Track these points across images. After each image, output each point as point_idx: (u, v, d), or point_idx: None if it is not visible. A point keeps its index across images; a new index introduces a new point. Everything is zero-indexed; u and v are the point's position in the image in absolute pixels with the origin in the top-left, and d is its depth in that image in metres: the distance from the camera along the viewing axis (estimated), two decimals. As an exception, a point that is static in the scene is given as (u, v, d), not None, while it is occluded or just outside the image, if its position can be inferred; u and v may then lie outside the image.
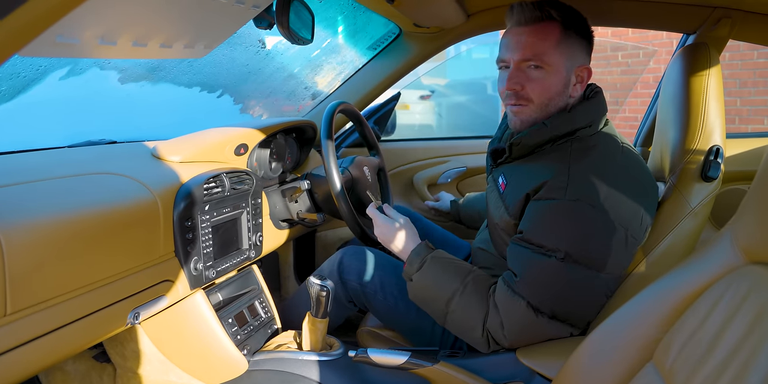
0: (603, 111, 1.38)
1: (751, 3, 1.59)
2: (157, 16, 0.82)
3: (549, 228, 1.23)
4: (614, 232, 1.22)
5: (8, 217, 0.87)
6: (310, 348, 1.37)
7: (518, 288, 1.22)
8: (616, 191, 1.22)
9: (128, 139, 1.64)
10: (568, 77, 1.32)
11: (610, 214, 1.21)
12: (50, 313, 0.91)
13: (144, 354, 1.30)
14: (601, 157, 1.28)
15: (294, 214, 1.66)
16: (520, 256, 1.25)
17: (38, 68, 1.40)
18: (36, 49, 0.64)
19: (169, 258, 1.18)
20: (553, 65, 1.30)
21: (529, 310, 1.21)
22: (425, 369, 1.26)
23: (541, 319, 1.21)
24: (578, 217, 1.21)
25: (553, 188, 1.23)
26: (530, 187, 1.27)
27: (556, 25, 1.29)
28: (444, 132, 7.65)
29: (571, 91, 1.34)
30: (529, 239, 1.24)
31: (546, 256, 1.21)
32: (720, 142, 1.40)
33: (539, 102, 1.32)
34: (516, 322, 1.22)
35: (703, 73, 1.44)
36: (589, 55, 1.37)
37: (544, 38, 1.29)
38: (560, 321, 1.23)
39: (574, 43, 1.31)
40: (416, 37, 2.02)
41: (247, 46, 1.95)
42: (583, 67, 1.34)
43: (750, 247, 0.77)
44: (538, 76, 1.31)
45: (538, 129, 1.31)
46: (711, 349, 0.74)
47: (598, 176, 1.24)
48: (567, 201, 1.21)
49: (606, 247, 1.22)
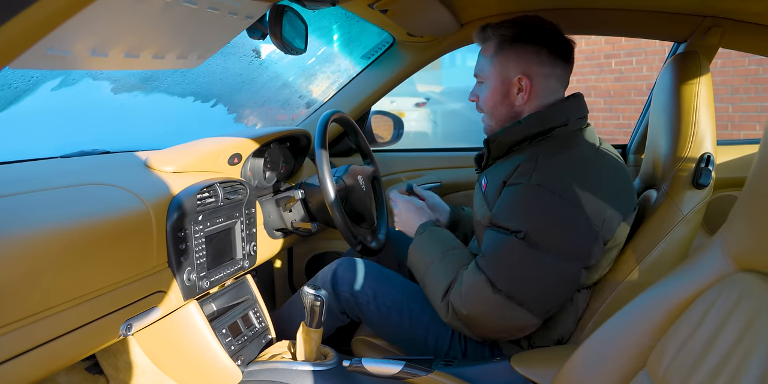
0: (580, 112, 1.42)
1: (740, 12, 1.61)
2: (149, 28, 0.83)
3: (512, 210, 1.30)
4: (573, 221, 1.26)
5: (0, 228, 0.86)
6: (304, 358, 1.36)
7: (481, 263, 1.30)
8: (582, 184, 1.27)
9: (121, 149, 1.63)
10: (505, 88, 1.43)
11: (569, 202, 1.25)
12: (42, 325, 0.91)
13: (137, 365, 1.29)
14: (573, 152, 1.34)
15: (288, 223, 1.66)
16: (488, 237, 1.33)
17: (30, 79, 1.40)
18: (27, 61, 0.64)
19: (162, 269, 1.17)
20: (489, 79, 1.45)
21: (487, 285, 1.26)
22: (420, 378, 1.26)
23: (497, 297, 1.26)
24: (538, 202, 1.27)
25: (521, 173, 1.30)
26: (505, 174, 1.34)
27: (491, 43, 1.44)
28: (439, 139, 7.67)
29: (513, 100, 1.43)
30: (497, 222, 1.31)
31: (508, 236, 1.27)
32: (711, 150, 1.41)
33: (487, 111, 1.48)
34: (474, 295, 1.28)
35: (693, 81, 1.45)
36: (543, 64, 1.40)
37: (483, 55, 1.47)
38: (516, 303, 1.26)
39: (508, 57, 1.41)
40: (410, 47, 2.03)
41: (240, 55, 1.96)
42: (522, 77, 1.40)
43: (740, 255, 0.77)
44: (482, 89, 1.48)
45: (512, 127, 1.40)
46: (703, 356, 0.74)
47: (564, 168, 1.29)
48: (530, 185, 1.27)
49: (564, 233, 1.26)
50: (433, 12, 1.60)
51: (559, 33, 1.41)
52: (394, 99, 7.38)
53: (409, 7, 1.51)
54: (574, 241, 1.27)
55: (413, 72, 2.10)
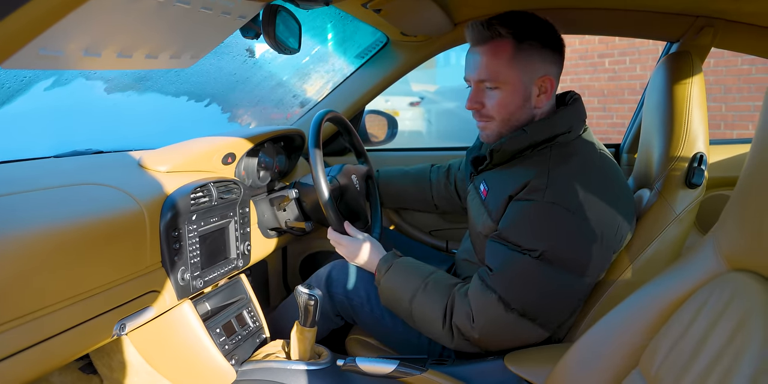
0: (582, 117, 1.40)
1: (732, 12, 1.61)
2: (142, 27, 0.82)
3: (526, 228, 1.26)
4: (589, 237, 1.24)
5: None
6: (298, 357, 1.36)
7: (492, 282, 1.25)
8: (593, 197, 1.25)
9: (115, 149, 1.63)
10: (527, 91, 1.33)
11: (585, 218, 1.23)
12: (36, 325, 0.90)
13: (131, 365, 1.29)
14: (581, 163, 1.31)
15: (282, 222, 1.66)
16: (496, 252, 1.28)
17: (23, 79, 1.39)
18: (19, 62, 0.63)
19: (155, 268, 1.17)
20: (509, 83, 1.32)
21: (500, 304, 1.23)
22: (414, 377, 1.26)
23: (510, 315, 1.23)
24: (554, 220, 1.23)
25: (533, 189, 1.26)
26: (512, 189, 1.29)
27: (507, 42, 1.31)
28: (433, 138, 7.68)
29: (535, 103, 1.35)
30: (506, 237, 1.26)
31: (521, 254, 1.23)
32: (703, 149, 1.42)
33: (501, 118, 1.36)
34: (486, 314, 1.24)
35: (686, 81, 1.46)
36: (555, 63, 1.36)
37: (497, 57, 1.31)
38: (529, 319, 1.24)
39: (531, 56, 1.32)
40: (403, 46, 2.03)
41: (234, 55, 1.95)
42: (545, 78, 1.33)
43: (732, 255, 0.78)
44: (496, 95, 1.34)
45: (517, 135, 1.34)
46: (695, 355, 0.75)
47: (576, 181, 1.26)
48: (544, 203, 1.24)
49: (580, 250, 1.24)
50: (426, 12, 1.60)
51: (556, 31, 1.37)
52: (389, 98, 7.39)
53: (402, 6, 1.50)
54: (589, 257, 1.24)
55: (407, 71, 2.10)
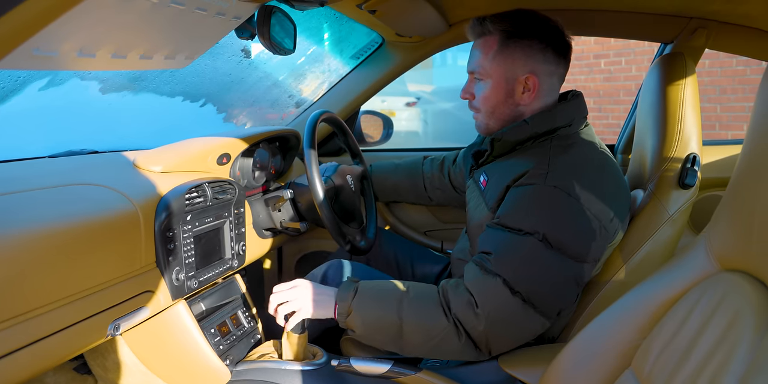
0: (583, 112, 1.41)
1: (726, 14, 1.62)
2: (136, 28, 0.82)
3: (527, 211, 1.25)
4: (588, 223, 1.24)
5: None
6: (293, 357, 1.36)
7: (493, 265, 1.21)
8: (591, 186, 1.25)
9: (110, 149, 1.63)
10: (509, 87, 1.37)
11: (584, 205, 1.23)
12: (30, 326, 0.90)
13: (125, 365, 1.29)
14: (580, 154, 1.32)
15: (277, 223, 1.66)
16: (495, 237, 1.25)
17: (17, 79, 1.39)
18: (13, 62, 0.63)
19: (150, 269, 1.17)
20: (492, 77, 1.38)
21: (505, 288, 1.18)
22: (408, 377, 1.26)
23: (516, 300, 1.18)
24: (555, 204, 1.23)
25: (534, 175, 1.26)
26: (510, 178, 1.30)
27: (494, 38, 1.37)
28: (429, 138, 7.68)
29: (518, 99, 1.38)
30: (506, 223, 1.25)
31: (522, 236, 1.21)
32: (697, 150, 1.43)
33: (485, 110, 1.42)
34: (491, 300, 1.19)
35: (679, 82, 1.46)
36: (549, 62, 1.37)
37: (484, 51, 1.38)
38: (533, 306, 1.20)
39: (514, 53, 1.35)
40: (399, 47, 2.03)
41: (230, 55, 1.95)
42: (529, 76, 1.35)
43: (723, 255, 0.78)
44: (482, 87, 1.41)
45: (519, 126, 1.35)
46: (687, 355, 0.75)
47: (576, 169, 1.27)
48: (546, 186, 1.24)
49: (580, 235, 1.23)
50: (421, 13, 1.60)
51: (561, 31, 1.38)
52: (385, 98, 7.39)
53: (397, 7, 1.51)
54: (588, 244, 1.24)
55: (402, 72, 2.10)
